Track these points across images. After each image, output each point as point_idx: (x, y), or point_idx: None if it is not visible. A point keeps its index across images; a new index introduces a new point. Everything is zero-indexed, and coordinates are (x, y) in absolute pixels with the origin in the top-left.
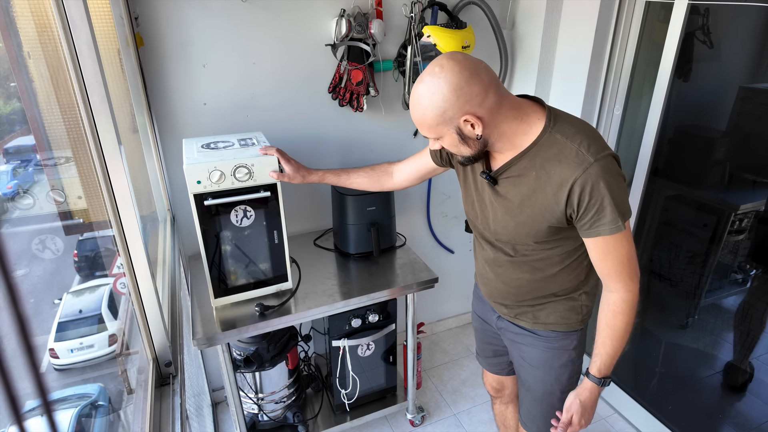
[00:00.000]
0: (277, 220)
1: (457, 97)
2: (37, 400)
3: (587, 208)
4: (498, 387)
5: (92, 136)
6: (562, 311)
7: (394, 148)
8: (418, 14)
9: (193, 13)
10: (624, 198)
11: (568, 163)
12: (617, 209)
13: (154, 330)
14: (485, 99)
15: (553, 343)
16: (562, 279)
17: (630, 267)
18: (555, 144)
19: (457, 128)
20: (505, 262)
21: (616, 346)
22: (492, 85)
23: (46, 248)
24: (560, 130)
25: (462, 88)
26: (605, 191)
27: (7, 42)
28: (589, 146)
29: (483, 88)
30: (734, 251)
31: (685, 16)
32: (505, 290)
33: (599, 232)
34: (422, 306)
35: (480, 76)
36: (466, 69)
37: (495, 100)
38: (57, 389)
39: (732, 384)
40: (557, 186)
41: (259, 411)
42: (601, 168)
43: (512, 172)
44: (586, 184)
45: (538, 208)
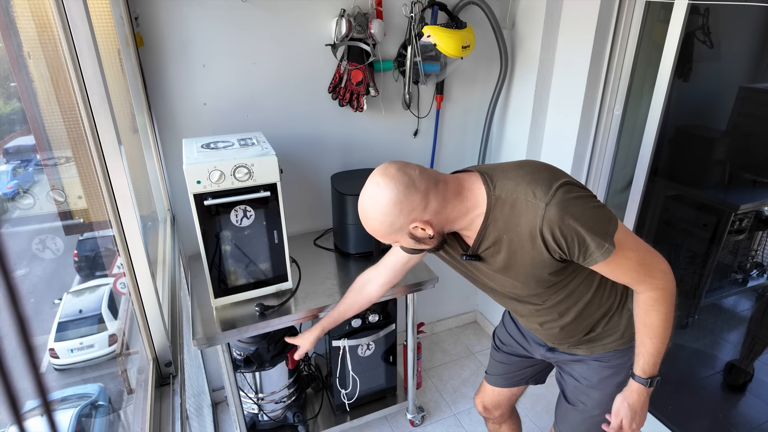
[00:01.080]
0: (277, 220)
1: (399, 211)
2: (37, 399)
3: (569, 246)
4: (490, 407)
5: (92, 136)
6: (616, 328)
7: (394, 148)
8: (418, 14)
9: (193, 13)
10: (596, 219)
11: (526, 217)
12: (596, 234)
13: (154, 330)
14: (427, 204)
15: (612, 362)
16: (600, 298)
17: (646, 269)
18: (504, 204)
19: (409, 233)
20: (539, 311)
21: (656, 344)
22: (430, 187)
23: (47, 248)
24: (502, 190)
25: (402, 201)
26: (573, 226)
27: (7, 42)
28: (535, 192)
29: (422, 196)
30: (734, 251)
31: (685, 16)
32: (551, 335)
33: (595, 260)
34: (422, 306)
35: (416, 186)
36: (401, 183)
37: (436, 201)
38: (57, 389)
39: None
40: (530, 240)
41: (259, 411)
42: (556, 207)
43: (486, 244)
44: (553, 228)
45: (529, 265)
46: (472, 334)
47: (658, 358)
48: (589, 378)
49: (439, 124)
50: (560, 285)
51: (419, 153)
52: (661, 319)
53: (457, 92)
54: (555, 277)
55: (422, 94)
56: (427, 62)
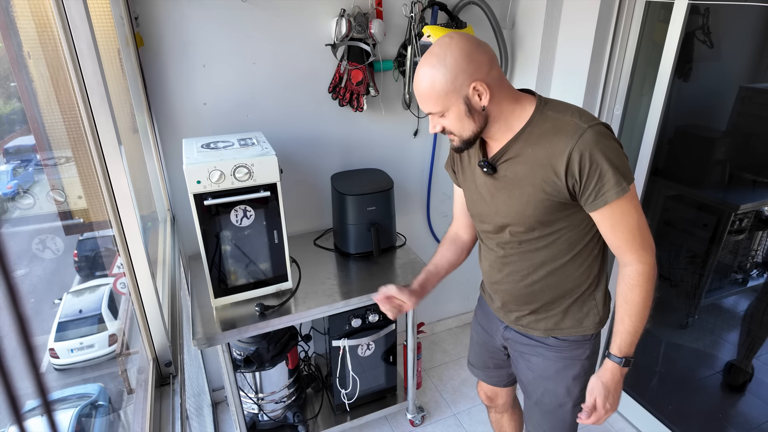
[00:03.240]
0: (277, 220)
1: (468, 63)
2: (37, 399)
3: (588, 175)
4: (492, 396)
5: (92, 136)
6: (577, 314)
7: (394, 148)
8: (418, 14)
9: (193, 13)
10: (623, 161)
11: (564, 134)
12: (618, 171)
13: (154, 330)
14: (491, 69)
15: (566, 353)
16: (574, 270)
17: (642, 237)
18: (548, 120)
19: (465, 98)
20: (513, 257)
21: (635, 322)
22: (495, 60)
23: (47, 248)
24: (551, 107)
25: (472, 54)
26: (602, 156)
27: (7, 42)
28: (581, 115)
29: (489, 59)
30: (734, 251)
31: (685, 16)
32: (516, 291)
33: (605, 200)
34: (422, 306)
35: (485, 48)
36: (474, 39)
37: (498, 74)
38: (57, 389)
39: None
40: (555, 157)
41: (259, 411)
42: (595, 133)
43: (509, 154)
44: (584, 151)
45: (540, 183)
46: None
47: (635, 338)
48: (545, 369)
49: None
50: (550, 229)
51: (419, 153)
52: (642, 297)
53: None
54: (552, 211)
55: None
56: None
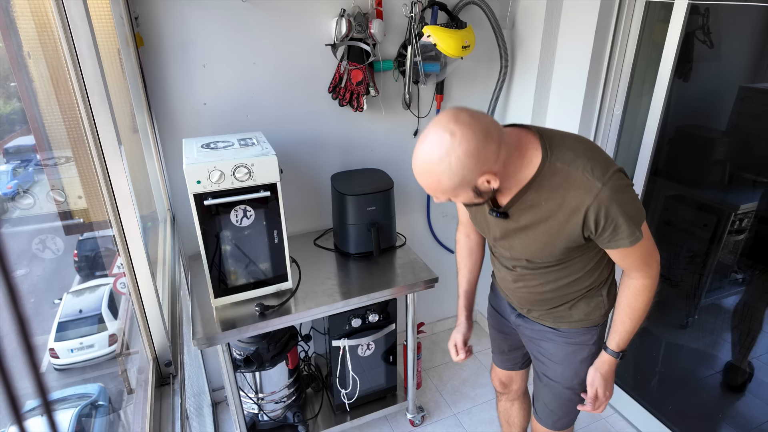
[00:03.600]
0: (277, 220)
1: (475, 162)
2: (37, 399)
3: (604, 228)
4: (506, 382)
5: (92, 135)
6: (586, 309)
7: (394, 148)
8: (418, 14)
9: (193, 13)
10: (636, 210)
11: (578, 190)
12: (633, 223)
13: (154, 330)
14: (499, 155)
15: (574, 339)
16: (586, 280)
17: (650, 257)
18: (558, 173)
19: (474, 187)
20: (527, 276)
21: (635, 324)
22: (502, 136)
23: (47, 248)
24: (559, 158)
25: (479, 151)
26: (618, 210)
27: (7, 42)
28: (593, 169)
29: (497, 146)
30: (734, 251)
31: (685, 16)
32: (530, 299)
33: (618, 245)
34: (422, 306)
35: (492, 134)
36: (480, 131)
37: (506, 151)
38: (57, 389)
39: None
40: (570, 212)
41: (259, 411)
42: (610, 190)
43: (520, 204)
44: (599, 209)
45: (554, 233)
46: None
47: (630, 337)
48: (554, 354)
49: None
50: (563, 260)
51: None
52: (645, 303)
53: (457, 92)
54: (567, 252)
55: (422, 94)
56: (427, 62)
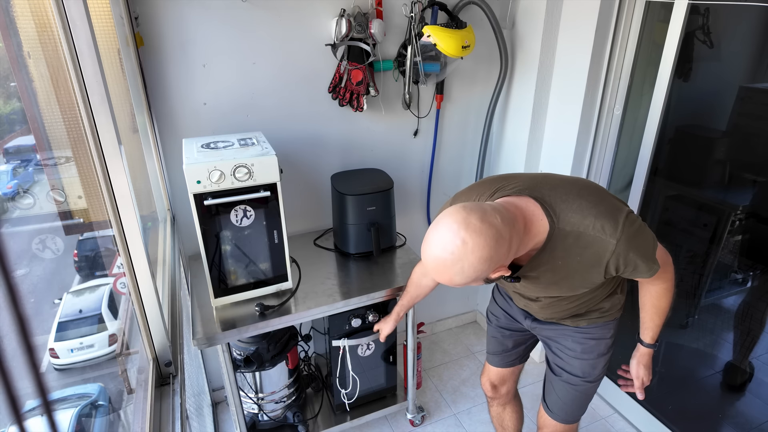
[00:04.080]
0: (277, 220)
1: (488, 266)
2: (37, 399)
3: (625, 269)
4: (497, 384)
5: (92, 135)
6: (605, 307)
7: (394, 148)
8: (418, 14)
9: (193, 13)
10: (651, 247)
11: (594, 248)
12: (649, 260)
13: (154, 330)
14: (510, 250)
15: (594, 334)
16: (605, 291)
17: (664, 267)
18: (568, 236)
19: (485, 278)
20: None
21: (663, 318)
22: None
23: (47, 248)
24: (567, 223)
25: (492, 257)
26: (636, 255)
27: (7, 42)
28: (603, 227)
29: (508, 246)
30: (734, 251)
31: (685, 16)
32: (555, 315)
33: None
34: (422, 306)
35: (503, 237)
36: (491, 237)
37: (516, 243)
38: (57, 389)
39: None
40: (590, 266)
41: (259, 411)
42: (626, 243)
43: (534, 271)
44: (618, 259)
45: (576, 282)
46: (472, 334)
47: (659, 330)
48: (573, 349)
49: (439, 124)
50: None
51: (419, 153)
52: (668, 301)
53: (457, 92)
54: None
55: (422, 94)
56: (427, 62)
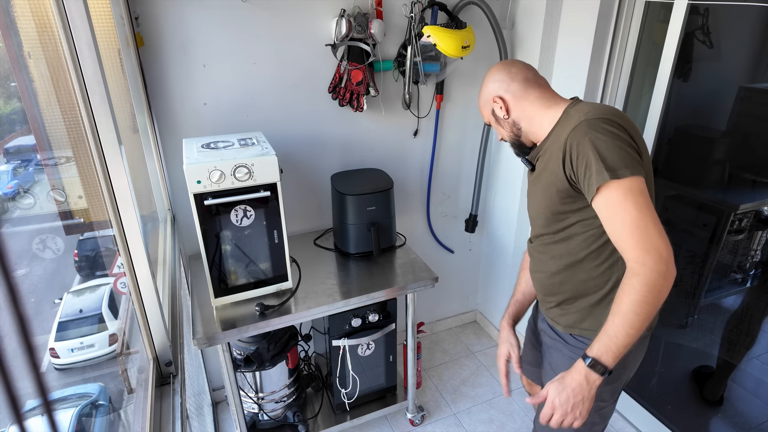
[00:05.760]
0: (277, 220)
1: (491, 83)
2: (37, 399)
3: (578, 164)
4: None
5: (92, 135)
6: (598, 317)
7: (394, 149)
8: (418, 14)
9: (194, 13)
10: (613, 151)
11: (566, 126)
12: (602, 161)
13: (155, 329)
14: (509, 85)
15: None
16: (592, 269)
17: (642, 237)
18: (567, 117)
19: (492, 110)
20: (538, 249)
21: (616, 324)
22: (518, 78)
23: (47, 248)
24: (577, 107)
25: (494, 76)
26: (590, 145)
27: (8, 42)
28: (590, 110)
29: (509, 78)
30: (734, 251)
31: (685, 16)
32: (543, 281)
33: (592, 189)
34: (422, 306)
35: (510, 69)
36: (503, 63)
37: (519, 87)
38: (57, 389)
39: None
40: (559, 148)
41: (259, 410)
42: (587, 125)
43: (541, 152)
44: (573, 141)
45: (549, 174)
46: (472, 333)
47: (613, 343)
48: (559, 365)
49: (439, 124)
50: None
51: (419, 153)
52: (632, 299)
53: (457, 92)
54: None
55: (422, 94)
56: (427, 62)
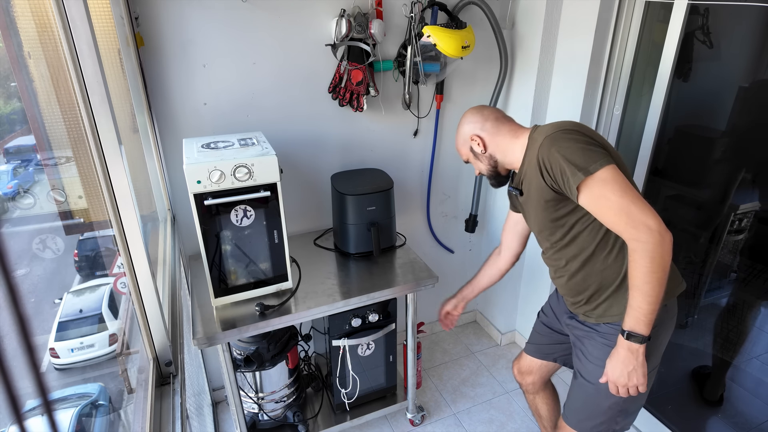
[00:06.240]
0: (277, 220)
1: (467, 124)
2: (37, 399)
3: (555, 174)
4: (524, 371)
5: (92, 135)
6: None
7: (394, 148)
8: (418, 14)
9: (194, 13)
10: (577, 154)
11: (534, 148)
12: (572, 164)
13: (155, 329)
14: (484, 124)
15: (612, 340)
16: (604, 259)
17: (627, 216)
18: (534, 141)
19: (470, 147)
20: (552, 255)
21: (636, 297)
22: (490, 118)
23: (47, 248)
24: (538, 131)
25: (469, 118)
26: (557, 155)
27: (8, 42)
28: (549, 128)
29: (483, 118)
30: (734, 251)
31: (685, 16)
32: (564, 284)
33: (574, 190)
34: (422, 306)
35: (482, 112)
36: (475, 108)
37: (492, 125)
38: (57, 389)
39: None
40: (535, 169)
41: (259, 410)
42: (550, 140)
43: (522, 177)
44: (543, 154)
45: (534, 190)
46: (472, 333)
47: (638, 314)
48: (591, 352)
49: (439, 124)
50: (563, 228)
51: (419, 153)
52: (641, 273)
53: (457, 92)
54: (553, 210)
55: (422, 94)
56: (427, 62)
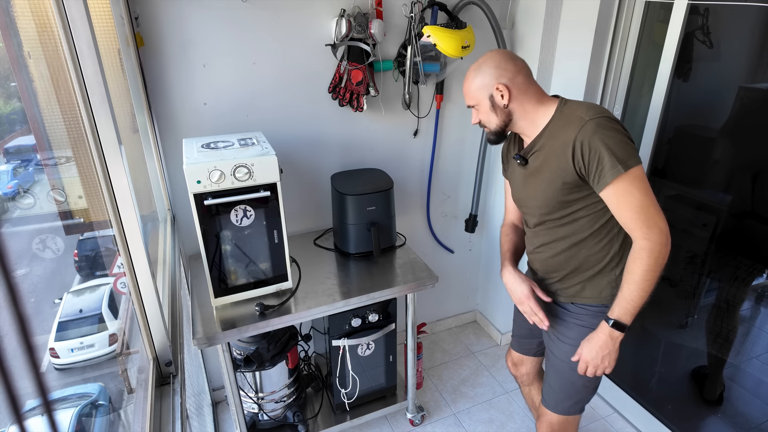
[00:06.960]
0: (277, 220)
1: (495, 69)
2: (37, 399)
3: (589, 160)
4: (517, 363)
5: (92, 135)
6: (597, 286)
7: (394, 148)
8: (418, 14)
9: (194, 13)
10: (620, 146)
11: (571, 126)
12: (614, 155)
13: (155, 329)
14: (515, 77)
15: (584, 320)
16: (593, 246)
17: (647, 216)
18: (563, 116)
19: (490, 96)
20: (541, 232)
21: (632, 290)
22: (522, 72)
23: (47, 248)
24: (570, 106)
25: (500, 63)
26: (599, 142)
27: (8, 42)
28: (588, 110)
29: (516, 70)
30: (734, 251)
31: (685, 16)
32: (545, 260)
33: (605, 182)
34: (422, 306)
35: (515, 62)
36: (507, 54)
37: (523, 81)
38: (57, 389)
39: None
40: (564, 146)
41: (259, 410)
42: (594, 124)
43: (536, 148)
44: (584, 140)
45: (554, 168)
46: (471, 333)
47: (629, 306)
48: (564, 333)
49: (439, 124)
50: (566, 210)
51: (419, 153)
52: (642, 269)
53: (457, 92)
54: (565, 194)
55: (422, 94)
56: (427, 62)
